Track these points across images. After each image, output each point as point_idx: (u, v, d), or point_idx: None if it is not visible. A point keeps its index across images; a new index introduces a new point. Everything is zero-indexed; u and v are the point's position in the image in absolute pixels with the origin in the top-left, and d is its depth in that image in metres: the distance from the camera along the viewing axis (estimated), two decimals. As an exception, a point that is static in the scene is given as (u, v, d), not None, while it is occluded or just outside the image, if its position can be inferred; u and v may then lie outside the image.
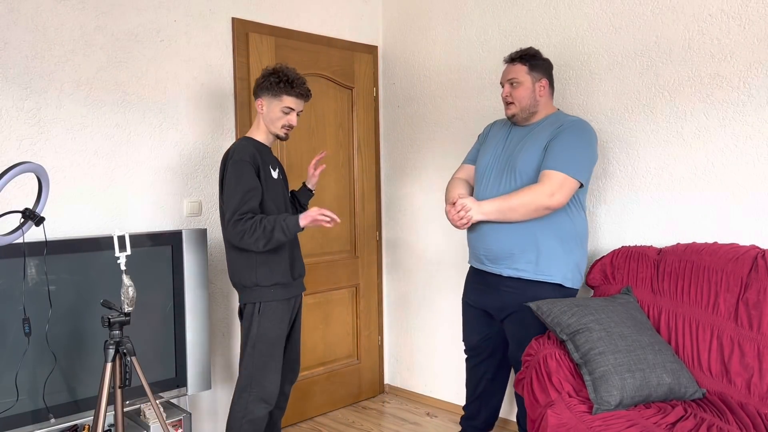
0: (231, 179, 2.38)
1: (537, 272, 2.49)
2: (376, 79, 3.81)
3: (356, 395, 3.77)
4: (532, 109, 2.55)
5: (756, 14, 2.42)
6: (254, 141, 2.52)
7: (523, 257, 2.49)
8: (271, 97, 2.50)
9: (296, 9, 3.38)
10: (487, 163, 2.64)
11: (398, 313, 3.85)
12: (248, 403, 2.45)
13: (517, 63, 2.55)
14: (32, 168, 1.83)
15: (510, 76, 2.55)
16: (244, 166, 2.39)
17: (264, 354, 2.46)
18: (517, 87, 2.53)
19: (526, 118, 2.58)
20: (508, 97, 2.56)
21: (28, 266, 2.25)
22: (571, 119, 2.50)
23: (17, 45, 2.45)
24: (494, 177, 2.58)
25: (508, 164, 2.54)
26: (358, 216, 3.72)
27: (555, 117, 2.55)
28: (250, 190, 2.38)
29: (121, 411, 2.21)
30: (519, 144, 2.56)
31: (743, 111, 2.47)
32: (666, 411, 2.05)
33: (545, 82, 2.55)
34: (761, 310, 2.15)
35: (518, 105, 2.54)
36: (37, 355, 2.27)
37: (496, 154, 2.62)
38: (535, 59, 2.54)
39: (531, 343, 2.41)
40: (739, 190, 2.50)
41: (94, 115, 2.66)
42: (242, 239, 2.35)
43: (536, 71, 2.53)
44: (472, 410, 2.87)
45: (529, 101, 2.53)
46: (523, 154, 2.50)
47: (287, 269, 2.51)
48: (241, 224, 2.34)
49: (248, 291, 2.48)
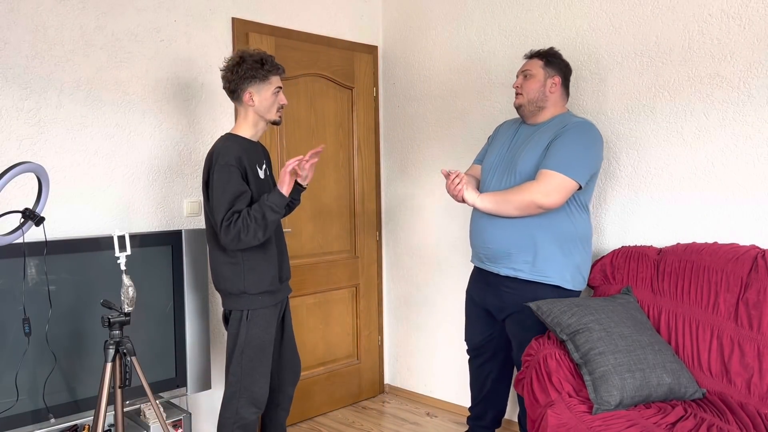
0: (218, 186, 2.26)
1: (534, 273, 2.48)
2: (376, 79, 3.81)
3: (356, 395, 3.77)
4: (540, 103, 2.55)
5: (756, 14, 2.42)
6: (239, 139, 2.38)
7: (520, 257, 2.49)
8: (259, 83, 2.35)
9: (296, 9, 3.38)
10: (491, 162, 2.65)
11: (398, 313, 3.85)
12: (238, 409, 2.40)
13: (534, 58, 2.59)
14: (32, 168, 1.83)
15: (524, 69, 2.59)
16: (230, 170, 2.26)
17: (252, 360, 2.40)
18: (529, 79, 2.55)
19: (533, 113, 2.57)
20: (518, 89, 2.58)
21: (28, 266, 2.25)
22: (576, 120, 2.49)
23: (17, 45, 2.45)
24: (497, 176, 2.59)
25: (511, 164, 2.55)
26: (358, 216, 3.72)
27: (562, 118, 2.54)
28: (239, 195, 2.26)
29: (121, 411, 2.21)
30: (523, 143, 2.56)
31: (743, 111, 2.47)
32: (666, 411, 2.05)
33: (558, 79, 2.55)
34: (761, 310, 2.15)
35: (526, 96, 2.55)
36: (37, 355, 2.27)
37: (501, 154, 2.63)
38: (553, 57, 2.57)
39: (531, 343, 2.41)
40: (739, 190, 2.50)
41: (94, 115, 2.66)
42: (240, 240, 2.24)
43: (551, 67, 2.55)
44: (478, 411, 2.87)
45: (537, 94, 2.54)
46: (524, 154, 2.50)
47: (275, 275, 2.43)
48: (233, 226, 2.22)
49: (234, 298, 2.39)
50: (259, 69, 2.33)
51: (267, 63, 2.35)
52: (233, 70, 2.35)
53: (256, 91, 2.36)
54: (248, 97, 2.36)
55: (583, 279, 2.57)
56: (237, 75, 2.34)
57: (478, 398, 2.86)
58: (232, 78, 2.35)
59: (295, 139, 3.38)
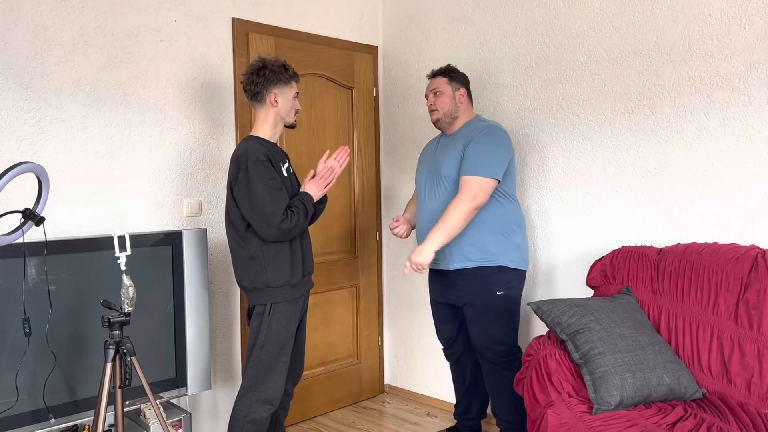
0: (255, 181, 2.34)
1: (481, 259, 2.73)
2: (376, 79, 3.81)
3: (356, 395, 3.77)
4: (454, 114, 2.84)
5: (756, 14, 2.42)
6: (262, 140, 2.47)
7: (465, 248, 2.74)
8: (283, 86, 2.47)
9: (296, 9, 3.38)
10: (421, 178, 2.94)
11: (398, 313, 3.85)
12: (252, 403, 2.45)
13: (438, 76, 2.87)
14: (32, 168, 1.83)
15: (433, 87, 2.86)
16: (266, 165, 2.37)
17: (271, 355, 2.45)
18: (440, 96, 2.83)
19: (449, 123, 2.85)
20: (432, 105, 2.86)
21: (28, 266, 2.25)
22: (482, 125, 2.76)
23: (17, 45, 2.45)
24: (428, 186, 2.87)
25: (436, 172, 2.83)
26: (358, 216, 3.72)
27: (472, 123, 2.82)
28: (278, 189, 2.37)
29: (121, 411, 2.21)
30: (443, 152, 2.84)
31: (743, 111, 2.47)
32: (666, 411, 2.05)
33: (463, 90, 2.85)
34: (761, 310, 2.15)
35: (441, 111, 2.84)
36: (37, 355, 2.27)
37: (428, 168, 2.91)
38: (453, 72, 2.86)
39: (531, 343, 2.41)
40: (739, 190, 2.50)
41: (94, 115, 2.66)
42: (290, 233, 2.39)
43: (455, 82, 2.84)
44: (464, 405, 3.09)
45: (450, 107, 2.83)
46: (445, 162, 2.79)
47: (298, 266, 2.49)
48: (286, 223, 2.35)
49: (259, 292, 2.45)
50: (284, 72, 2.47)
51: (289, 68, 2.50)
52: (258, 73, 2.45)
53: (280, 93, 2.47)
54: (273, 98, 2.46)
55: (525, 260, 2.82)
56: (263, 77, 2.44)
57: (460, 392, 3.08)
58: (258, 80, 2.45)
59: (295, 139, 3.38)
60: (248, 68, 2.50)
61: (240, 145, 2.45)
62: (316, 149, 3.48)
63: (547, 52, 3.02)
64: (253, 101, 2.50)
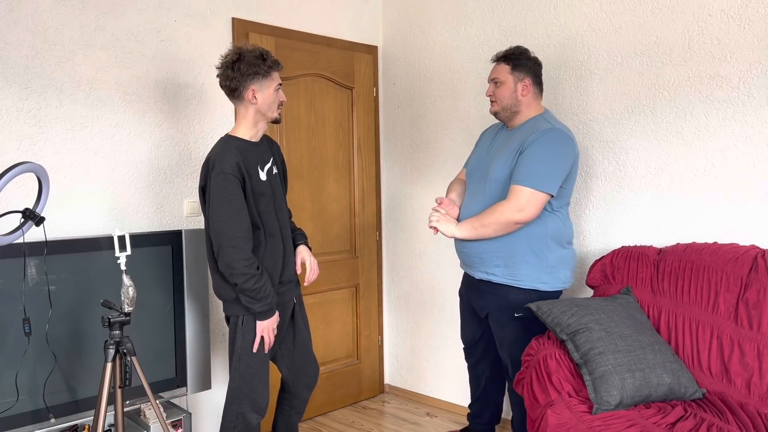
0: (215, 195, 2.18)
1: (506, 276, 2.53)
2: (376, 79, 3.81)
3: (356, 395, 3.77)
4: (514, 108, 2.57)
5: (756, 14, 2.42)
6: (238, 141, 2.28)
7: (491, 261, 2.55)
8: (262, 79, 2.24)
9: (296, 9, 3.38)
10: (472, 167, 2.74)
11: (398, 313, 3.85)
12: (238, 415, 2.38)
13: (501, 63, 2.60)
14: (32, 168, 1.83)
15: (493, 76, 2.60)
16: (227, 179, 2.17)
17: (250, 367, 2.36)
18: (500, 86, 2.57)
19: (509, 117, 2.60)
20: (491, 96, 2.62)
21: (28, 266, 2.24)
22: (545, 127, 2.47)
23: (17, 45, 2.45)
24: (474, 181, 2.66)
25: (486, 170, 2.60)
26: (358, 216, 3.72)
27: (534, 122, 2.54)
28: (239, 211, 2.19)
29: (121, 411, 2.21)
30: (499, 149, 2.60)
31: (743, 111, 2.47)
32: (666, 411, 2.05)
33: (528, 81, 2.55)
34: (761, 310, 2.15)
35: (499, 104, 2.58)
36: (37, 355, 2.27)
37: (480, 158, 2.69)
38: (519, 59, 2.56)
39: (531, 343, 2.41)
40: (739, 190, 2.50)
41: (94, 115, 2.66)
42: (232, 277, 2.20)
43: (519, 71, 2.55)
44: (476, 409, 2.98)
45: (510, 101, 2.56)
46: (497, 162, 2.54)
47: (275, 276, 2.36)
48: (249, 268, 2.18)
49: (229, 304, 2.35)
50: (261, 64, 2.23)
51: (268, 58, 2.26)
52: (233, 67, 2.22)
53: (258, 88, 2.25)
54: (251, 95, 2.25)
55: (562, 278, 2.56)
56: (238, 72, 2.22)
57: (475, 396, 2.97)
58: (233, 75, 2.22)
59: (295, 139, 3.38)
60: (222, 61, 2.26)
61: (214, 146, 2.29)
62: (316, 149, 3.48)
63: (546, 52, 3.02)
64: (230, 98, 2.30)
